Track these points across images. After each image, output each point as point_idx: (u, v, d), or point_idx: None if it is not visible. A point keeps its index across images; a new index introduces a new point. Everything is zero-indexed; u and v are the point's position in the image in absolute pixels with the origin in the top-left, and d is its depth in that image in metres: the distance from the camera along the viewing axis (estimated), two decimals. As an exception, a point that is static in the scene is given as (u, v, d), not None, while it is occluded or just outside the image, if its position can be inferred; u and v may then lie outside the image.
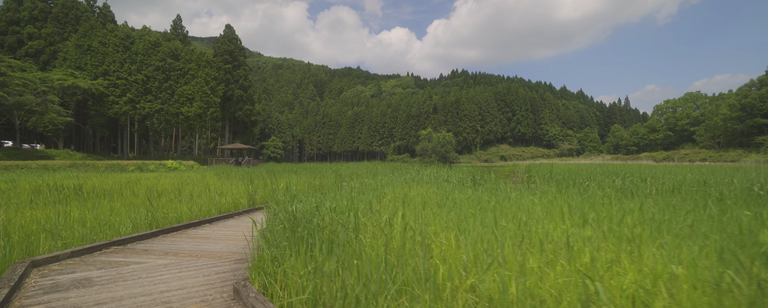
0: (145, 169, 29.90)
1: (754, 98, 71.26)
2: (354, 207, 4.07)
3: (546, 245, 2.90)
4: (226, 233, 5.76)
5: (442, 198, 5.75)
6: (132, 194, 9.17)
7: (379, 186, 7.87)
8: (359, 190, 7.61)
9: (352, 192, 6.74)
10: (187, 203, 7.48)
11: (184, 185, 12.61)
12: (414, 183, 9.68)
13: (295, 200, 4.52)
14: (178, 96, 49.83)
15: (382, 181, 9.49)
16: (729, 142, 78.79)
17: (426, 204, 4.82)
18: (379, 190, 7.26)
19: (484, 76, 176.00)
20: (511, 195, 5.84)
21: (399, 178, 11.35)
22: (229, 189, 9.93)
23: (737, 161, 62.86)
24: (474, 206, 4.56)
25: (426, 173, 12.48)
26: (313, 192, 8.25)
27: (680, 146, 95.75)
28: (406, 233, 3.31)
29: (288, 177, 14.73)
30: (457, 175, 10.93)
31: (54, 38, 50.29)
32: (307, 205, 4.31)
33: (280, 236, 3.45)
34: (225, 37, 56.17)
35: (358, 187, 8.18)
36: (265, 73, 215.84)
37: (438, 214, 4.15)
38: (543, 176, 12.13)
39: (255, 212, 8.11)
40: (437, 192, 6.82)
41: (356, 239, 3.34)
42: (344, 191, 7.40)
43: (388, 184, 8.69)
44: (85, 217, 5.65)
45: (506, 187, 7.63)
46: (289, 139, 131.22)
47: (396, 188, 8.13)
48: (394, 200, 5.49)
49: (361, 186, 8.50)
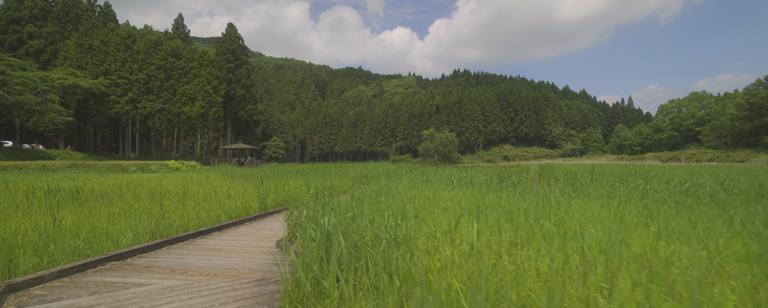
0: (146, 170, 29.27)
1: (762, 97, 70.36)
2: (402, 219, 3.37)
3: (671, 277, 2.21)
4: (240, 244, 5.07)
5: (487, 204, 5.05)
6: (133, 197, 8.49)
7: (404, 190, 7.18)
8: (378, 192, 6.93)
9: (377, 196, 6.04)
10: (193, 207, 6.80)
11: (189, 187, 11.95)
12: (436, 185, 9.00)
13: (326, 208, 3.82)
14: (179, 95, 49.21)
15: (403, 184, 8.81)
16: (736, 142, 77.88)
17: (478, 212, 4.12)
18: (404, 194, 6.57)
19: (487, 76, 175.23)
20: (560, 200, 5.15)
21: (416, 179, 10.66)
22: (237, 191, 9.25)
23: (746, 161, 61.95)
24: (540, 217, 3.87)
25: (443, 174, 11.77)
26: (329, 195, 7.58)
27: (685, 146, 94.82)
28: (487, 259, 2.60)
29: (297, 178, 14.05)
30: (480, 176, 10.21)
31: (55, 37, 49.73)
32: (340, 214, 3.61)
33: (313, 254, 2.74)
34: (227, 35, 55.56)
35: (377, 190, 7.50)
36: (266, 73, 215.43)
37: (506, 229, 3.46)
38: (563, 177, 11.43)
39: (268, 218, 7.42)
40: (471, 196, 6.13)
41: (412, 260, 2.64)
42: (364, 193, 6.71)
43: (411, 187, 8.02)
44: (80, 225, 4.97)
45: (545, 190, 6.93)
46: (290, 139, 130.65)
47: (421, 191, 7.44)
48: (443, 209, 4.78)
49: (381, 188, 7.81)
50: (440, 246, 3.03)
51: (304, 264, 2.50)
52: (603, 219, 3.89)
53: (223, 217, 6.48)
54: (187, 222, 5.69)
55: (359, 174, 17.68)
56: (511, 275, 2.30)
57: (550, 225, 3.20)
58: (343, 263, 2.42)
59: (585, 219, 3.84)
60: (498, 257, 2.64)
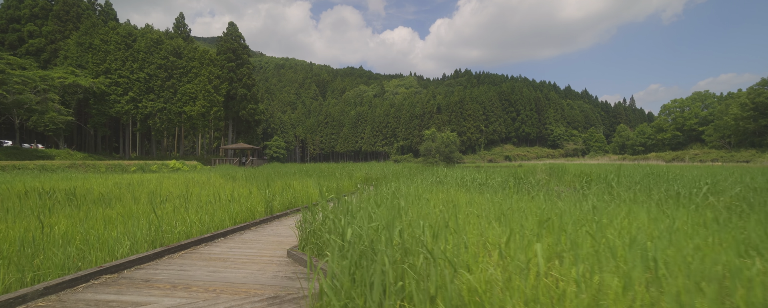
0: (147, 170, 28.88)
1: (767, 97, 69.81)
2: (436, 229, 2.94)
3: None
4: (247, 252, 4.65)
5: (518, 209, 4.62)
6: (133, 199, 8.08)
7: (418, 193, 6.76)
8: (393, 196, 6.51)
9: (393, 200, 5.62)
10: (195, 211, 6.39)
11: (190, 188, 11.55)
12: (449, 186, 8.57)
13: (344, 215, 3.39)
14: (180, 95, 48.84)
15: (416, 186, 8.38)
16: (739, 142, 77.34)
17: (507, 218, 3.70)
18: (420, 198, 6.15)
19: (488, 76, 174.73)
20: (596, 205, 4.72)
21: (427, 181, 10.23)
22: (241, 193, 8.84)
23: (751, 161, 61.42)
24: (582, 225, 3.45)
25: (453, 175, 11.31)
26: (337, 197, 7.14)
27: (688, 146, 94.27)
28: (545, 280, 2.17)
29: (301, 179, 13.64)
30: (495, 177, 9.74)
31: (55, 36, 49.37)
32: (360, 222, 3.18)
33: (345, 273, 2.32)
34: (228, 34, 55.16)
35: (391, 193, 7.08)
36: (267, 72, 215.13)
37: (545, 237, 3.04)
38: (577, 178, 11.00)
39: (274, 222, 7.01)
40: (494, 199, 5.70)
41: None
42: (380, 197, 6.29)
43: (426, 189, 7.59)
44: (73, 232, 4.56)
45: (571, 194, 6.51)
46: (291, 138, 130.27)
47: (436, 193, 7.02)
48: (474, 215, 4.35)
49: (395, 191, 7.39)
50: (481, 261, 2.61)
51: (333, 287, 2.07)
52: (654, 228, 3.47)
53: (227, 222, 6.07)
54: (190, 228, 5.28)
55: (364, 175, 17.26)
56: (585, 303, 1.88)
57: (611, 236, 2.77)
58: (387, 289, 2.00)
59: (633, 228, 3.41)
60: (553, 277, 2.22)
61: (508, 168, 22.51)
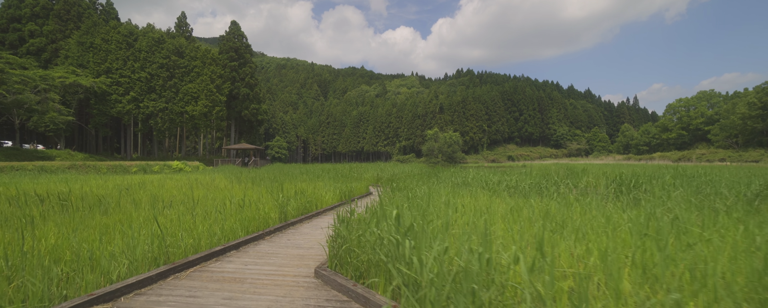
0: (148, 171, 28.27)
1: (775, 96, 68.98)
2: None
3: None
4: (266, 270, 3.99)
5: (584, 220, 3.94)
6: (133, 204, 7.42)
7: (451, 200, 6.09)
8: (422, 200, 5.85)
9: (425, 206, 4.94)
10: (202, 218, 5.73)
11: (195, 191, 10.90)
12: (476, 189, 7.89)
13: (410, 239, 2.67)
14: (182, 94, 48.26)
15: (444, 190, 7.70)
16: (747, 142, 76.44)
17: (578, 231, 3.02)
18: (453, 204, 5.47)
19: (490, 76, 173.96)
20: (676, 216, 4.03)
21: (447, 182, 9.56)
22: (250, 196, 8.18)
23: (760, 161, 60.51)
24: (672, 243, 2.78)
25: (477, 177, 10.57)
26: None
27: (693, 146, 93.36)
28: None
29: (311, 181, 12.97)
30: (520, 179, 8.99)
31: (56, 36, 48.85)
32: (423, 243, 2.50)
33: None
34: (230, 33, 54.57)
35: (420, 196, 6.40)
36: (268, 73, 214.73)
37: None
38: (599, 180, 10.30)
39: (290, 230, 6.34)
40: (549, 208, 5.00)
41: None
42: (412, 204, 5.60)
43: (454, 194, 6.93)
44: (64, 246, 3.90)
45: (625, 200, 5.81)
46: (293, 139, 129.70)
47: (465, 198, 6.35)
48: (552, 232, 3.65)
49: (423, 195, 6.72)
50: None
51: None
52: None
53: (239, 231, 5.40)
54: (198, 240, 4.62)
55: (374, 176, 16.58)
56: None
57: None
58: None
59: (731, 246, 2.73)
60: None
61: (519, 168, 21.79)
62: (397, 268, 2.30)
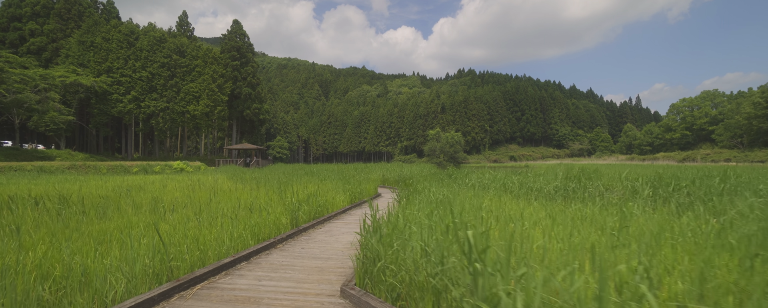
0: (149, 171, 27.84)
1: (781, 96, 68.40)
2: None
3: None
4: (282, 287, 3.52)
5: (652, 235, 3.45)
6: (133, 207, 6.96)
7: (473, 202, 5.62)
8: (444, 205, 5.37)
9: (446, 210, 4.46)
10: (208, 223, 5.27)
11: (197, 192, 10.44)
12: (493, 192, 7.43)
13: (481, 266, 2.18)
14: (183, 94, 47.84)
15: (463, 192, 7.23)
16: (752, 142, 75.81)
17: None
18: (479, 208, 5.00)
19: (492, 75, 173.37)
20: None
21: (463, 184, 9.09)
22: (258, 199, 7.71)
23: (766, 162, 59.87)
24: None
25: (496, 178, 10.05)
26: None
27: (697, 146, 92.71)
28: None
29: (319, 182, 12.49)
30: (551, 182, 8.42)
31: (56, 35, 48.47)
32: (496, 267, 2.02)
33: None
34: (232, 32, 54.14)
35: (441, 201, 5.92)
36: (269, 73, 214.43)
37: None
38: (618, 182, 9.79)
39: (302, 237, 5.88)
40: (594, 217, 4.53)
41: None
42: (436, 210, 5.13)
43: (475, 196, 6.47)
44: (54, 259, 3.44)
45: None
46: (294, 139, 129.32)
47: (501, 205, 5.87)
48: (613, 247, 3.15)
49: (443, 199, 6.24)
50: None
51: None
52: None
53: (249, 239, 4.94)
54: (205, 252, 4.15)
55: (381, 177, 16.09)
56: None
57: None
58: None
59: None
60: None
61: (523, 168, 21.26)
62: (477, 305, 1.82)
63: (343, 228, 6.70)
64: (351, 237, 5.82)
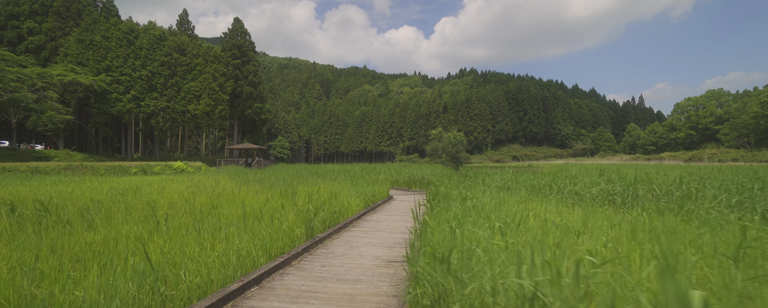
0: (149, 172, 27.09)
1: (790, 95, 67.58)
2: None
3: None
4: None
5: None
6: (126, 214, 6.17)
7: (502, 208, 4.83)
8: (491, 212, 4.59)
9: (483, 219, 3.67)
10: (209, 235, 4.48)
11: (197, 195, 9.66)
12: (523, 195, 6.64)
13: None
14: (184, 93, 47.09)
15: (486, 195, 6.45)
16: (759, 141, 74.94)
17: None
18: (515, 216, 4.21)
19: (494, 75, 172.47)
20: None
21: (485, 186, 8.31)
22: (266, 203, 6.92)
23: (775, 161, 59.02)
24: None
25: (520, 180, 9.24)
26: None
27: (702, 145, 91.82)
28: None
29: (326, 183, 11.70)
30: (592, 186, 7.53)
31: (55, 33, 47.77)
32: None
33: None
34: (233, 30, 53.38)
35: (473, 207, 5.13)
36: (270, 72, 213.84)
37: None
38: (646, 185, 8.98)
39: (318, 249, 5.09)
40: (663, 225, 3.76)
41: None
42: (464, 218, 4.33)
43: (499, 199, 5.68)
44: (16, 283, 2.66)
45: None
46: (295, 139, 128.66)
47: (517, 204, 5.08)
48: None
49: (471, 205, 5.46)
50: None
51: None
52: None
53: (259, 255, 4.15)
54: (207, 273, 3.35)
55: (390, 178, 15.28)
56: None
57: None
58: None
59: None
60: None
61: (526, 168, 20.43)
62: None
63: (363, 237, 5.92)
64: (376, 250, 5.05)
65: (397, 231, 6.51)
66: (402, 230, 6.53)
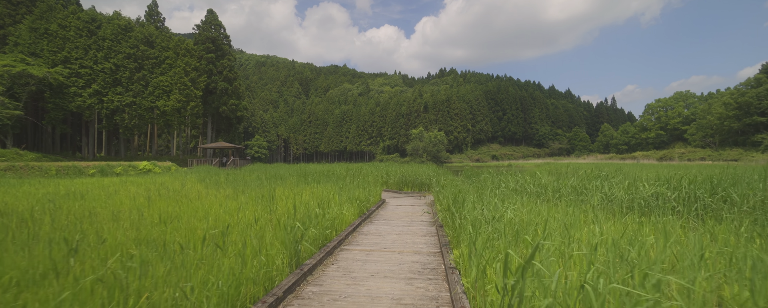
0: (109, 173, 24.53)
1: (751, 97, 70.97)
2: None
3: None
4: None
5: None
6: (30, 241, 4.47)
7: (525, 216, 3.60)
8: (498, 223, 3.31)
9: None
10: (150, 276, 2.97)
11: (157, 200, 8.00)
12: (542, 200, 5.49)
13: None
14: (152, 88, 43.90)
15: (494, 198, 5.22)
16: (723, 141, 78.45)
17: None
18: (543, 227, 2.98)
19: (474, 75, 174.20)
20: None
21: (500, 189, 7.12)
22: (238, 213, 5.43)
23: (739, 160, 61.70)
24: None
25: (509, 180, 8.08)
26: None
27: (671, 145, 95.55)
28: None
29: (306, 185, 10.20)
30: (622, 192, 6.35)
31: (4, 21, 43.42)
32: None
33: None
34: (207, 23, 50.42)
35: (491, 218, 3.86)
36: (247, 70, 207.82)
37: None
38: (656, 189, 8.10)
39: (306, 288, 3.64)
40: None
41: None
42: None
43: (511, 203, 4.47)
44: None
45: None
46: (273, 138, 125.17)
47: (538, 210, 3.88)
48: None
49: (478, 216, 4.19)
50: None
51: None
52: None
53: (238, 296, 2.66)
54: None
55: (380, 179, 13.91)
56: None
57: None
58: None
59: None
60: None
61: (505, 168, 19.61)
62: None
63: (367, 262, 4.52)
64: (389, 285, 3.64)
65: (408, 250, 5.27)
66: (412, 247, 5.21)
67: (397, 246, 5.42)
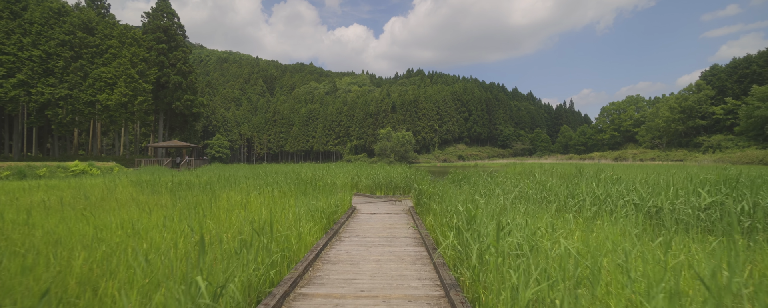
0: (29, 175, 20.95)
1: (693, 101, 76.49)
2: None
3: None
4: None
5: None
6: None
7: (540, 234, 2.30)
8: None
9: None
10: None
11: (52, 214, 6.02)
12: (547, 209, 4.28)
13: None
14: (92, 80, 39.25)
15: (489, 206, 3.92)
16: (669, 142, 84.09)
17: None
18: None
19: (441, 76, 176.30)
20: None
21: (501, 195, 5.87)
22: (145, 236, 3.70)
23: (684, 160, 66.25)
24: None
25: (504, 184, 6.89)
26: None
27: (624, 146, 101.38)
28: None
29: (263, 189, 8.42)
30: (648, 195, 5.25)
31: None
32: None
33: None
34: (157, 10, 46.09)
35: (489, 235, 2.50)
36: (208, 66, 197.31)
37: None
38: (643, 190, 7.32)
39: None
40: None
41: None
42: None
43: (523, 214, 3.20)
44: None
45: None
46: (236, 137, 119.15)
47: (558, 225, 2.63)
48: None
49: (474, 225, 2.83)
50: None
51: None
52: None
53: None
54: None
55: (349, 183, 12.31)
56: None
57: None
58: None
59: None
60: None
61: (472, 168, 18.88)
62: None
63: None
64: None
65: (396, 294, 3.63)
66: (401, 287, 3.58)
67: (379, 285, 3.92)
